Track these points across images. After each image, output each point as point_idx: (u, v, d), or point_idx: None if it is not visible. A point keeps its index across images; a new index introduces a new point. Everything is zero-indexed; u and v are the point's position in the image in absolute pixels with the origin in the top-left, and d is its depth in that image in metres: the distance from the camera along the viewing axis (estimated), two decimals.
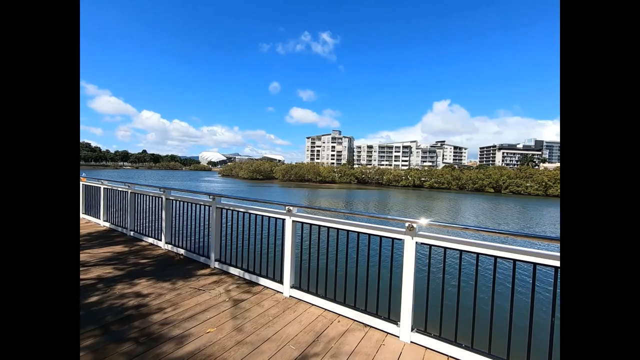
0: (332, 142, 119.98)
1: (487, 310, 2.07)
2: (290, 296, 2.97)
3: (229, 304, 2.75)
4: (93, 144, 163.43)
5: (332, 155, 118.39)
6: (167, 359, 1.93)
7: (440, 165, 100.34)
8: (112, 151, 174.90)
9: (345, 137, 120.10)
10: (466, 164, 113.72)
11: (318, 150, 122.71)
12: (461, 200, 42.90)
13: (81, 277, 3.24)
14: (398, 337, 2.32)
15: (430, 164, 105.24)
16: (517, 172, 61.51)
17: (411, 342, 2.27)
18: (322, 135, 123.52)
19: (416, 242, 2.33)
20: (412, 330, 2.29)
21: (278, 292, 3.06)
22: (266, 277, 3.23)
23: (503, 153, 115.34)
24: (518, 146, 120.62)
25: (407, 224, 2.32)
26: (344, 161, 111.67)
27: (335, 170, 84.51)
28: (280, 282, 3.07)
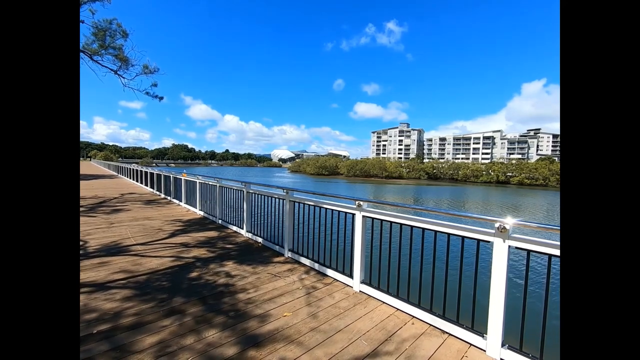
0: (399, 136, 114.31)
1: None
2: (360, 291, 2.96)
3: (302, 292, 2.91)
4: (190, 146, 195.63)
5: (400, 149, 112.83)
6: (253, 334, 2.17)
7: (534, 158, 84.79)
8: (203, 151, 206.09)
9: (414, 129, 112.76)
10: None
11: (384, 145, 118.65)
12: None
13: (184, 255, 3.91)
14: (484, 350, 2.06)
15: (519, 156, 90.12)
16: None
17: (501, 359, 1.99)
18: (389, 128, 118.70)
19: (509, 246, 2.01)
20: (502, 346, 2.00)
21: (348, 285, 3.08)
22: (336, 269, 3.29)
23: None
24: None
25: (497, 225, 2.02)
26: (412, 155, 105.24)
27: (402, 165, 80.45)
28: (350, 276, 3.08)
